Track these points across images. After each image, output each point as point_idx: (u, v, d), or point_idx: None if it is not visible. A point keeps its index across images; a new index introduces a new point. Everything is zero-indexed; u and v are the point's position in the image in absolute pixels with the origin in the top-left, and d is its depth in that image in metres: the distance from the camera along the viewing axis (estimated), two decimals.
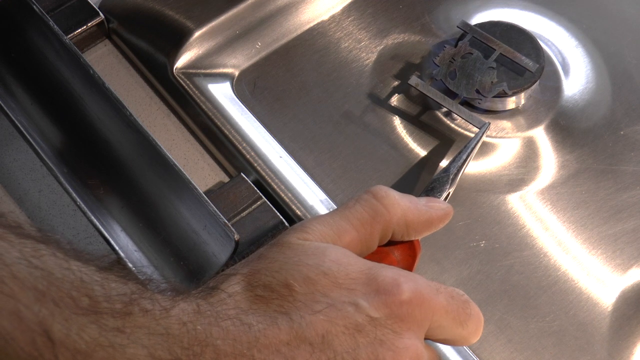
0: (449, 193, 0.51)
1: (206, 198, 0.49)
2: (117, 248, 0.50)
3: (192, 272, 0.49)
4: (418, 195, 0.48)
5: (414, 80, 0.58)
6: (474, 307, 0.42)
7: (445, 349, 0.50)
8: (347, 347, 0.38)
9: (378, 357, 0.38)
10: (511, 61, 0.58)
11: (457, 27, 0.60)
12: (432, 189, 0.50)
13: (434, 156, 0.58)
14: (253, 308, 0.38)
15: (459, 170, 0.52)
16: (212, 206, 0.49)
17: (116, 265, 0.37)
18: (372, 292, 0.39)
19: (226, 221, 0.48)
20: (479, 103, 0.59)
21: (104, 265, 0.36)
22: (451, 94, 0.58)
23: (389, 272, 0.40)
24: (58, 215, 0.56)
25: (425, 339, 0.41)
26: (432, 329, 0.41)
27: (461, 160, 0.52)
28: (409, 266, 0.45)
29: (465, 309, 0.42)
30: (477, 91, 0.57)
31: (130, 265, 0.50)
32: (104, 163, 0.54)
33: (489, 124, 0.56)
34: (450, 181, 0.50)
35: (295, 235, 0.42)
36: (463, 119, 0.57)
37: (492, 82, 0.58)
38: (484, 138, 0.57)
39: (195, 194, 0.50)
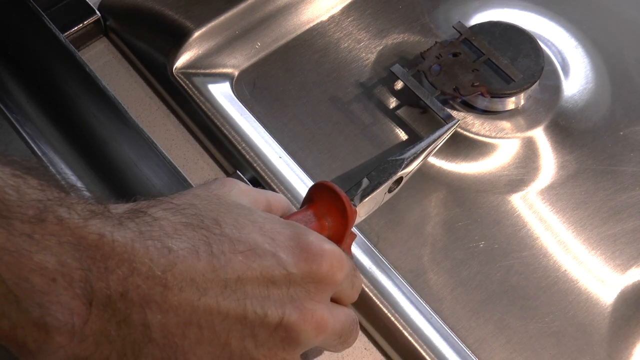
0: (402, 177, 0.51)
1: None
2: None
3: None
4: (367, 174, 0.49)
5: (396, 68, 0.58)
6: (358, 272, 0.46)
7: (445, 349, 0.50)
8: (258, 294, 0.38)
9: (285, 312, 0.39)
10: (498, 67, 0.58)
11: (453, 27, 0.60)
12: (383, 170, 0.50)
13: (434, 156, 0.58)
14: (178, 234, 0.37)
15: (416, 157, 0.52)
16: None
17: (36, 170, 0.35)
18: (296, 248, 0.40)
19: None
20: (453, 100, 0.59)
21: (23, 169, 0.35)
22: (432, 88, 0.58)
23: (315, 235, 0.41)
24: None
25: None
26: (336, 292, 0.42)
27: (420, 149, 0.52)
28: (339, 235, 0.45)
29: (356, 273, 0.45)
30: (456, 89, 0.57)
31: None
32: (101, 160, 0.54)
33: (458, 120, 0.56)
34: (403, 165, 0.50)
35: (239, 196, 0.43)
36: (433, 111, 0.57)
37: (472, 84, 0.58)
38: (450, 133, 0.56)
39: None
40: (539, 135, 0.59)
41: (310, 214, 0.45)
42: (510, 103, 0.59)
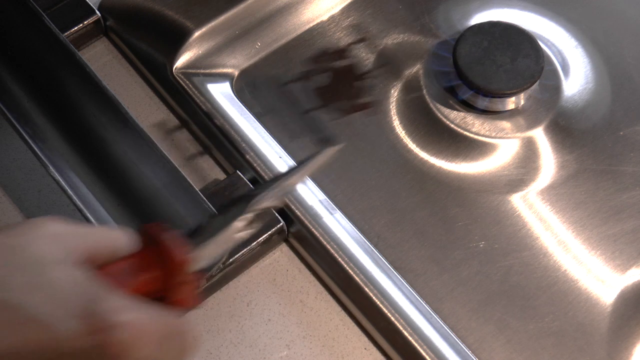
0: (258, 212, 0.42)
1: (202, 196, 0.50)
2: None
3: None
4: (209, 214, 0.44)
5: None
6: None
7: (445, 349, 0.50)
8: None
9: None
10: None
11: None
12: (233, 205, 0.41)
13: (434, 156, 0.58)
14: None
15: (275, 189, 0.43)
16: (208, 203, 0.49)
17: None
18: (86, 318, 0.33)
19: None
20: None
21: None
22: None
23: (116, 302, 0.34)
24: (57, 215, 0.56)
25: None
26: None
27: (283, 179, 0.44)
28: (168, 287, 0.37)
29: (183, 335, 0.37)
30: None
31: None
32: (101, 160, 0.54)
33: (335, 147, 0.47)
34: (254, 202, 0.41)
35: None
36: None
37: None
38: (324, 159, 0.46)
39: (191, 191, 0.50)
40: (539, 135, 0.59)
41: (133, 264, 0.37)
42: (510, 103, 0.59)
